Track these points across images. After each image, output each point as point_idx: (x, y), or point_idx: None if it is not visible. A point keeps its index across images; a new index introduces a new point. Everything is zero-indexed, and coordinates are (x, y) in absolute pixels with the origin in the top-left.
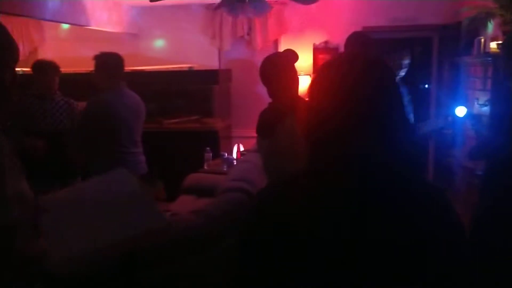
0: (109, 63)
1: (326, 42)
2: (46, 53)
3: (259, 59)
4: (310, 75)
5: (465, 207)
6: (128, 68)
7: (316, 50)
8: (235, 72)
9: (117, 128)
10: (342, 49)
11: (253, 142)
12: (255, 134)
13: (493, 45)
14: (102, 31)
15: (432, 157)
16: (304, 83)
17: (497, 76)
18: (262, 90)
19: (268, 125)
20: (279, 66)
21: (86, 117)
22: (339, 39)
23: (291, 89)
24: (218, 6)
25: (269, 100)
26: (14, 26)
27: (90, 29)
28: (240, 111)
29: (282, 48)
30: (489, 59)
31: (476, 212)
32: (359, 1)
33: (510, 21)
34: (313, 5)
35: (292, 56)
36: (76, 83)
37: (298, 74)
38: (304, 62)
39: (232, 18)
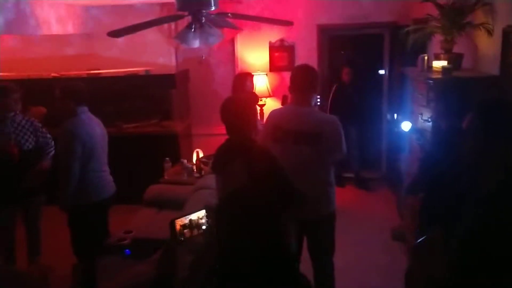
0: (74, 91)
1: (282, 40)
2: None
3: (215, 57)
4: (266, 73)
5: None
6: (84, 71)
7: (272, 48)
8: (192, 71)
9: (93, 148)
10: (297, 46)
11: (213, 140)
12: (214, 132)
13: (436, 64)
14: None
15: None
16: (260, 82)
17: (437, 103)
18: (219, 87)
19: (220, 162)
20: (239, 108)
21: (67, 139)
22: (294, 37)
23: (247, 130)
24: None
25: (226, 97)
26: None
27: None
28: (199, 109)
29: (238, 46)
30: (431, 82)
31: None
32: None
33: (450, 40)
34: (269, 3)
35: (252, 99)
36: (31, 89)
37: (256, 117)
38: (260, 60)
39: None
